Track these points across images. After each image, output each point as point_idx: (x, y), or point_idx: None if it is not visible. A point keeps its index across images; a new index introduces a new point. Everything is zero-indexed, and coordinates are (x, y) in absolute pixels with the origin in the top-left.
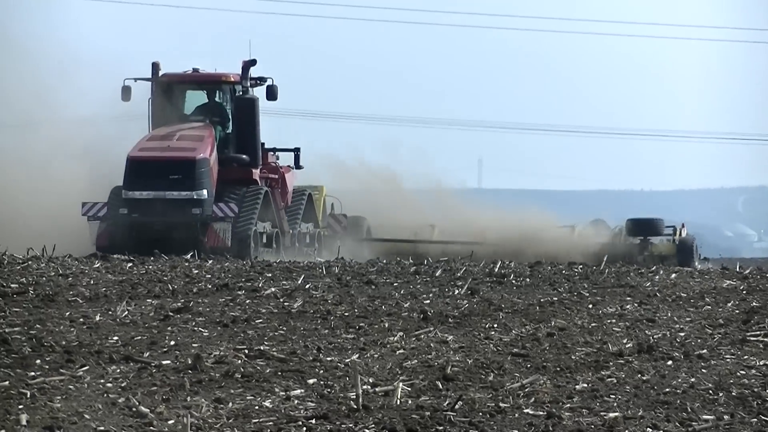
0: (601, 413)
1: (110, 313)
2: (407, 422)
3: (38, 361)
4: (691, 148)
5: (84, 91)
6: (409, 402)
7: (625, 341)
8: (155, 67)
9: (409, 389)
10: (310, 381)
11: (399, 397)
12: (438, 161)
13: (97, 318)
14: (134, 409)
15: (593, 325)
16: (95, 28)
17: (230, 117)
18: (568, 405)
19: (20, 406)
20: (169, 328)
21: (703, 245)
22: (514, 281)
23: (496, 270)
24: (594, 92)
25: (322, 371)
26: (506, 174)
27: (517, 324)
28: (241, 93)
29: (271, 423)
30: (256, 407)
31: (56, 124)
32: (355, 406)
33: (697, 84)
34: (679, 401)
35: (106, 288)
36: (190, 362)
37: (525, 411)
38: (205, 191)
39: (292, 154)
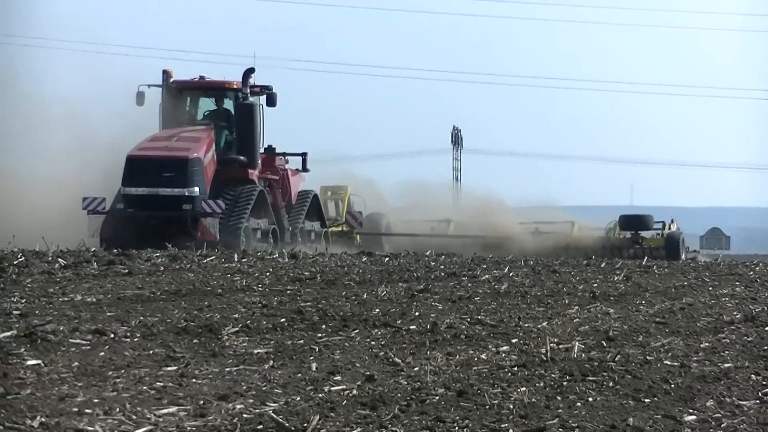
0: (719, 364)
1: (373, 292)
2: (581, 369)
3: (323, 326)
4: None
5: (102, 96)
6: (583, 355)
7: (735, 313)
8: (166, 74)
9: (583, 346)
10: (513, 340)
11: (576, 351)
12: (594, 187)
13: (364, 296)
14: (390, 360)
15: (712, 301)
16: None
17: None
18: (695, 358)
19: (311, 358)
20: (414, 303)
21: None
22: (656, 271)
23: (644, 263)
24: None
25: (521, 334)
26: (655, 195)
27: (658, 301)
28: (241, 99)
29: (485, 370)
30: (476, 358)
31: (77, 126)
32: (545, 358)
33: None
34: None
35: (370, 275)
36: (429, 327)
37: (665, 362)
38: (196, 188)
39: (300, 158)
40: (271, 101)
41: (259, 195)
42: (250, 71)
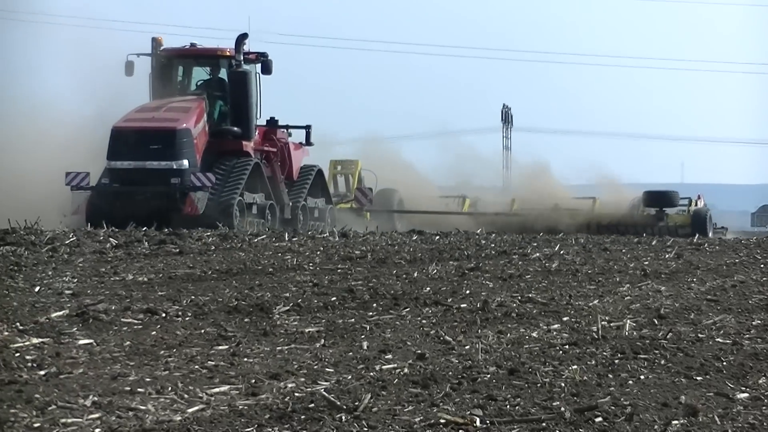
0: None
1: (424, 271)
2: (633, 347)
3: (374, 305)
4: None
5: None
6: (634, 333)
7: None
8: (155, 42)
9: (634, 324)
10: (564, 318)
11: (627, 329)
12: (646, 164)
13: (415, 274)
14: (441, 338)
15: (764, 279)
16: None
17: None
18: (747, 336)
19: (362, 336)
20: (465, 282)
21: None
22: (707, 248)
23: (695, 240)
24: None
25: (572, 312)
26: (707, 173)
27: (710, 278)
28: (234, 67)
29: (537, 348)
30: (527, 337)
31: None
32: (596, 336)
33: None
34: None
35: (421, 254)
36: (479, 305)
37: (716, 340)
38: (185, 161)
39: (304, 131)
40: (266, 68)
41: (254, 168)
42: (243, 37)
